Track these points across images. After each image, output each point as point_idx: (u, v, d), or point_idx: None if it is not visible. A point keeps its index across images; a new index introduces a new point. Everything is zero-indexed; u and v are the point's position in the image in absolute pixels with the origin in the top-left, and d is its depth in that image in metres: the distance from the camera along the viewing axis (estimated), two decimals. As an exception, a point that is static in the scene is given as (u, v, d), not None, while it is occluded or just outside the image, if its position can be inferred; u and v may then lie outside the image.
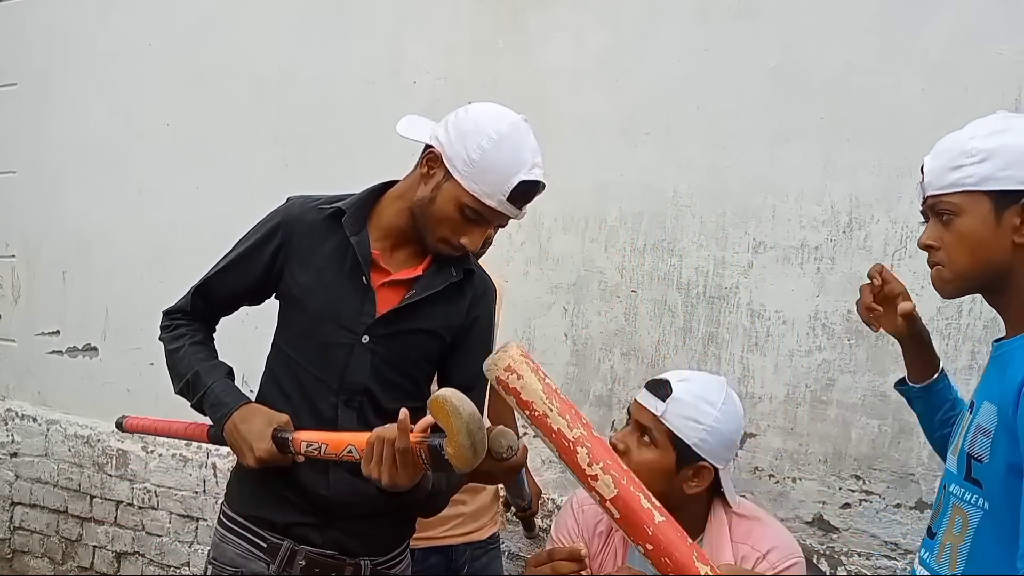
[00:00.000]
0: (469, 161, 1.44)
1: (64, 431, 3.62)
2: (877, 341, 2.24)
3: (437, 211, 1.49)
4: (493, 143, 1.44)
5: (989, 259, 1.21)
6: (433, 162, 1.50)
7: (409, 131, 1.55)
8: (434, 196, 1.49)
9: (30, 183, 3.79)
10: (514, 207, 1.48)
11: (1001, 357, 1.26)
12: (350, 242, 1.53)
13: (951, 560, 1.24)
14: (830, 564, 2.26)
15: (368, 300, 1.53)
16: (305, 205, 1.60)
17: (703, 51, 2.44)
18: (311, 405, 1.54)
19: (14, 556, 3.82)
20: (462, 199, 1.47)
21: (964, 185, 1.22)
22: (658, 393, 1.60)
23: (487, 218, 1.50)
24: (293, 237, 1.57)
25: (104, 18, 3.58)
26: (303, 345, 1.56)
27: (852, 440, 2.28)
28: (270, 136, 3.17)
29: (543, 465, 2.70)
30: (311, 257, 1.56)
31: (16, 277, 3.85)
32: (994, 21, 2.11)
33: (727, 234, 2.43)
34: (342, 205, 1.56)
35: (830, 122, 2.27)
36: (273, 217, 1.61)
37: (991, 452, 1.18)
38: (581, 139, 2.62)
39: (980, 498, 1.20)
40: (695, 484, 1.60)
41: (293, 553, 1.52)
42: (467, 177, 1.45)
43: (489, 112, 1.50)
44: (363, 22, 3.00)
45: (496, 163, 1.44)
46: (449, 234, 1.51)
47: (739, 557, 1.60)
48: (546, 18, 2.67)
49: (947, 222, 1.24)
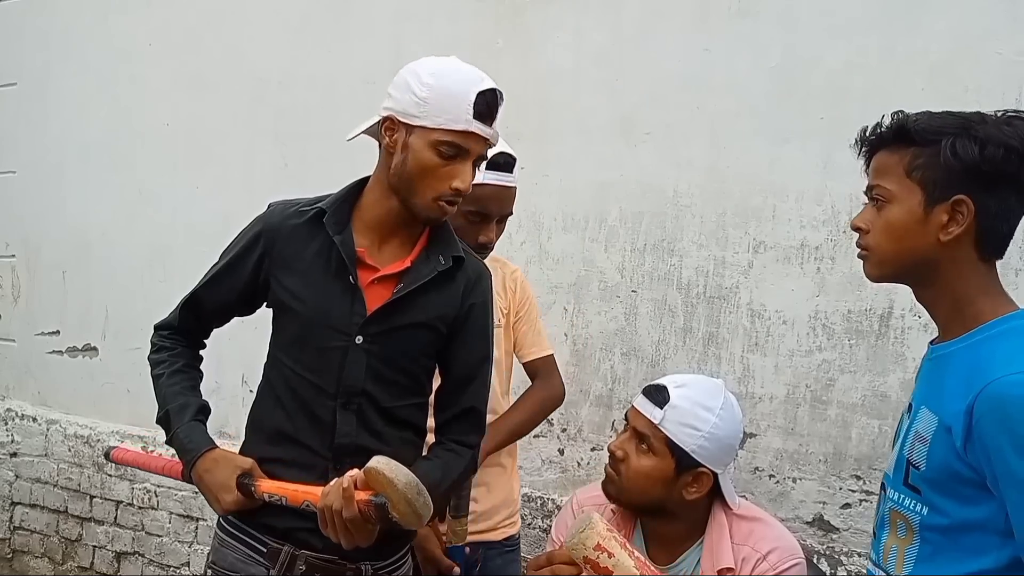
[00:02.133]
0: (421, 101, 1.42)
1: (64, 431, 3.62)
2: (877, 341, 2.24)
3: (415, 166, 1.45)
4: (434, 75, 1.44)
5: (912, 250, 1.22)
6: (391, 127, 1.48)
7: (357, 129, 1.56)
8: (406, 156, 1.46)
9: (30, 183, 3.79)
10: (484, 124, 1.45)
11: (937, 361, 1.26)
12: (334, 242, 1.50)
13: (897, 561, 1.25)
14: (830, 564, 2.26)
15: (357, 299, 1.50)
16: (285, 210, 1.57)
17: (703, 51, 2.44)
18: (308, 411, 1.52)
19: (14, 556, 3.81)
20: (433, 137, 1.43)
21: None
22: (656, 400, 1.60)
23: (465, 147, 1.45)
24: (276, 244, 1.55)
25: (104, 18, 3.58)
26: (297, 351, 1.53)
27: (852, 440, 2.28)
28: (270, 136, 3.17)
29: (543, 465, 2.70)
30: (296, 262, 1.53)
31: (16, 277, 3.85)
32: (994, 21, 2.11)
33: (727, 234, 2.43)
34: (323, 205, 1.53)
35: (830, 122, 2.27)
36: (254, 226, 1.59)
37: (927, 460, 1.19)
38: (581, 139, 2.62)
39: (918, 503, 1.21)
40: (694, 490, 1.61)
41: (294, 558, 1.51)
42: (427, 116, 1.43)
43: (418, 61, 1.50)
44: (363, 22, 2.99)
45: (446, 89, 1.43)
46: (437, 184, 1.46)
47: (740, 559, 1.60)
48: (546, 18, 2.67)
49: (879, 207, 1.25)
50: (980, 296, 1.22)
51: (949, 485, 1.17)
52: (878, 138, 1.27)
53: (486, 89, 1.45)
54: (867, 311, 2.25)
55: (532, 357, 2.14)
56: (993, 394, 1.10)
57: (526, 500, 2.62)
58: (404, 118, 1.45)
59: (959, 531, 1.17)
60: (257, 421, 1.60)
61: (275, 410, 1.55)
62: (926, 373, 1.30)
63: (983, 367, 1.14)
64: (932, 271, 1.23)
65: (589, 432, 2.63)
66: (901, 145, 1.23)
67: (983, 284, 1.22)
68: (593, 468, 2.61)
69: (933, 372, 1.26)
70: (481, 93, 1.44)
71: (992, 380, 1.11)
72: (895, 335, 2.22)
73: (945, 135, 1.19)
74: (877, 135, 1.27)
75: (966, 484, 1.15)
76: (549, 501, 2.67)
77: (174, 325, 1.66)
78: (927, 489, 1.20)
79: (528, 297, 2.13)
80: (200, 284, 1.63)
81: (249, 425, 1.62)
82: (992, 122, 1.19)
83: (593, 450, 2.62)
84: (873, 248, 1.27)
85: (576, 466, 2.66)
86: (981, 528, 1.15)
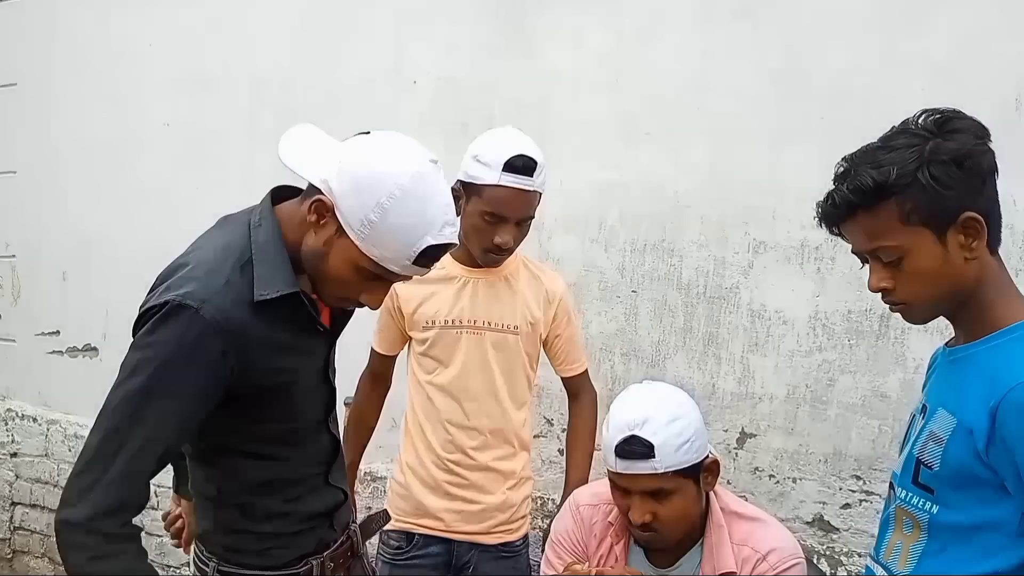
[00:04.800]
0: (367, 222, 1.21)
1: (64, 431, 3.62)
2: (877, 341, 2.24)
3: (330, 270, 1.28)
4: (395, 201, 1.20)
5: (952, 284, 1.21)
6: (323, 211, 1.25)
7: (295, 158, 1.34)
8: (326, 252, 1.27)
9: (30, 183, 3.79)
10: (421, 268, 1.28)
11: (957, 363, 1.26)
12: (294, 303, 1.32)
13: (901, 557, 1.25)
14: (830, 564, 2.26)
15: (327, 338, 1.47)
16: (225, 303, 1.25)
17: (704, 52, 2.45)
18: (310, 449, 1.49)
19: (14, 556, 3.81)
20: (359, 262, 1.26)
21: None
22: (640, 454, 1.54)
23: (389, 280, 1.31)
24: (247, 346, 1.27)
25: (104, 18, 3.57)
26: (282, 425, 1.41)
27: (852, 440, 2.28)
28: (270, 136, 3.15)
29: (543, 465, 2.70)
30: (268, 344, 1.31)
31: (16, 277, 3.84)
32: (994, 21, 2.11)
33: (727, 234, 2.43)
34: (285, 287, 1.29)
35: (830, 123, 2.27)
36: (202, 344, 1.23)
37: (942, 461, 1.19)
38: (581, 139, 2.62)
39: (929, 502, 1.22)
40: (711, 481, 1.64)
41: (322, 564, 1.50)
42: (365, 240, 1.23)
43: (389, 157, 1.24)
44: (363, 22, 2.99)
45: (398, 228, 1.22)
46: (347, 293, 1.33)
47: (740, 559, 1.60)
48: (547, 19, 2.67)
49: (895, 264, 1.21)
50: (1000, 299, 1.22)
51: (965, 485, 1.17)
52: (847, 207, 1.21)
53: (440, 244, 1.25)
54: (867, 311, 2.25)
55: (571, 372, 2.15)
56: (1018, 398, 1.11)
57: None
58: (341, 219, 1.24)
59: (971, 531, 1.17)
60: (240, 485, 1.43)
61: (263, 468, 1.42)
62: (943, 374, 1.30)
63: (1007, 370, 1.14)
64: (964, 289, 1.22)
65: (589, 432, 2.63)
66: (878, 201, 1.18)
67: (1002, 285, 1.23)
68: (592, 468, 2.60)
69: (951, 374, 1.26)
70: (431, 247, 1.24)
71: (1018, 383, 1.12)
72: (895, 335, 2.22)
73: (917, 169, 1.17)
74: (845, 205, 1.21)
75: (983, 485, 1.15)
76: (549, 501, 2.67)
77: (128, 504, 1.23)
78: (941, 488, 1.20)
79: (567, 315, 2.10)
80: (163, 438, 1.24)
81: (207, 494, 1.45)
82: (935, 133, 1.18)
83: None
84: (913, 301, 1.24)
85: (576, 466, 2.66)
86: (994, 528, 1.16)
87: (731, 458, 2.41)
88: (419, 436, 2.03)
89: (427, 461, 2.01)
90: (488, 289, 2.00)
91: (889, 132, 1.25)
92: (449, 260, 1.96)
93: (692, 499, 1.60)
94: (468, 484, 2.00)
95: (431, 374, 2.01)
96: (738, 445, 2.41)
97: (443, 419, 2.00)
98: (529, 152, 1.86)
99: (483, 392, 2.00)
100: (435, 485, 2.00)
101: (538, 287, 2.06)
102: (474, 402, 1.99)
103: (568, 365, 2.14)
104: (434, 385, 2.01)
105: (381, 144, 1.27)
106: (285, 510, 1.45)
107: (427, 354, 2.01)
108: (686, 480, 1.57)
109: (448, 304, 1.99)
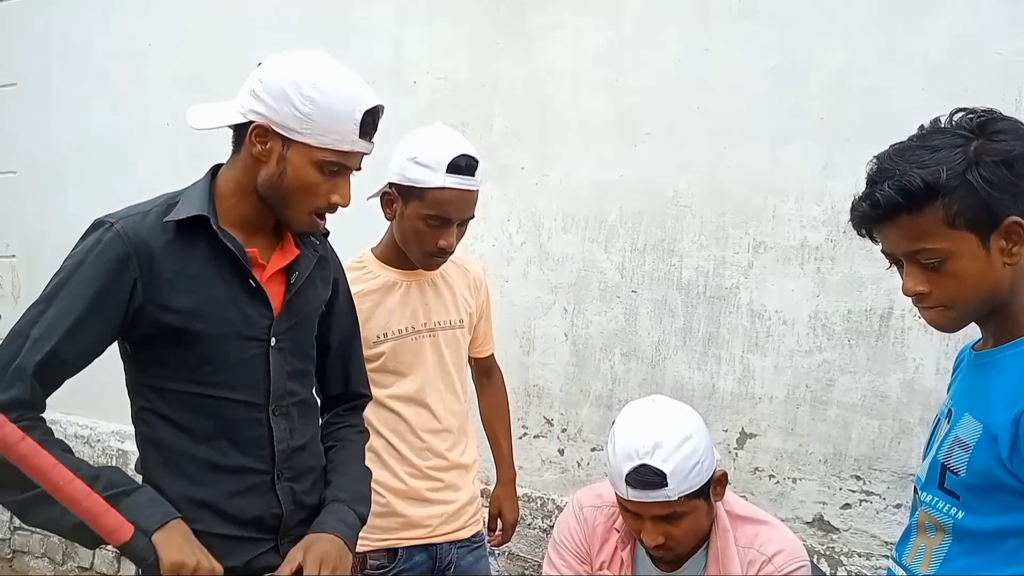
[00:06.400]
0: (304, 117, 1.34)
1: (64, 431, 3.62)
2: (877, 341, 2.24)
3: (293, 182, 1.38)
4: (317, 88, 1.34)
5: (991, 289, 1.18)
6: (263, 136, 1.37)
7: (206, 120, 1.45)
8: (282, 169, 1.38)
9: (30, 183, 3.79)
10: (367, 142, 1.40)
11: (983, 367, 1.24)
12: (220, 245, 1.39)
13: (925, 560, 1.24)
14: (830, 564, 2.26)
15: (260, 301, 1.43)
16: (142, 223, 1.38)
17: (703, 51, 2.44)
18: (237, 431, 1.43)
19: (14, 556, 3.82)
20: (316, 156, 1.36)
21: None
22: (653, 483, 1.51)
23: (347, 165, 1.40)
24: (153, 264, 1.35)
25: (104, 18, 3.58)
26: (207, 373, 1.40)
27: (852, 440, 2.27)
28: (270, 136, 3.17)
29: (543, 465, 2.70)
30: (181, 280, 1.37)
31: (16, 277, 3.85)
32: (994, 21, 2.11)
33: (727, 234, 2.42)
34: (195, 211, 1.38)
35: (830, 122, 2.27)
36: (109, 249, 1.34)
37: (968, 466, 1.18)
38: (581, 139, 2.62)
39: (954, 508, 1.20)
40: (720, 492, 1.64)
41: None
42: (310, 133, 1.35)
43: (291, 61, 1.39)
44: (363, 22, 2.99)
45: (332, 105, 1.35)
46: (316, 200, 1.40)
47: (746, 562, 1.60)
48: (546, 18, 2.67)
49: (936, 267, 1.18)
50: None
51: (990, 492, 1.16)
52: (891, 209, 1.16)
53: (372, 107, 1.38)
54: (867, 311, 2.25)
55: (489, 352, 2.22)
56: None
57: (526, 500, 2.63)
58: (282, 130, 1.36)
59: (995, 537, 1.16)
60: (169, 466, 1.42)
61: (193, 445, 1.41)
62: (968, 379, 1.28)
63: None
64: (1000, 295, 1.20)
65: (589, 432, 2.63)
66: (923, 203, 1.14)
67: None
68: (593, 468, 2.61)
69: (978, 378, 1.24)
70: (368, 112, 1.37)
71: None
72: (895, 335, 2.22)
73: (966, 171, 1.13)
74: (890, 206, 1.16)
75: (1008, 492, 1.14)
76: (549, 501, 2.67)
77: (24, 400, 1.28)
78: (966, 494, 1.19)
79: (487, 297, 2.18)
80: (55, 339, 1.29)
81: (151, 476, 1.43)
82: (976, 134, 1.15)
83: (593, 450, 2.62)
84: (952, 304, 1.20)
85: (576, 466, 2.66)
86: (1018, 536, 1.15)
87: (731, 458, 2.41)
88: (389, 452, 1.95)
89: (402, 474, 1.95)
90: (431, 289, 1.98)
91: (922, 131, 1.21)
92: (381, 267, 1.95)
93: (704, 515, 1.59)
94: (445, 485, 1.99)
95: (390, 388, 1.94)
96: (738, 445, 2.41)
97: (415, 428, 1.95)
98: (470, 151, 1.83)
99: (446, 391, 1.99)
100: (416, 495, 1.96)
101: (465, 275, 2.07)
102: (441, 404, 1.98)
103: (486, 345, 2.19)
104: (396, 397, 1.94)
105: (279, 60, 1.40)
106: (205, 493, 1.40)
107: (384, 368, 1.93)
108: (698, 500, 1.56)
109: (397, 312, 1.93)
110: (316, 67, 1.37)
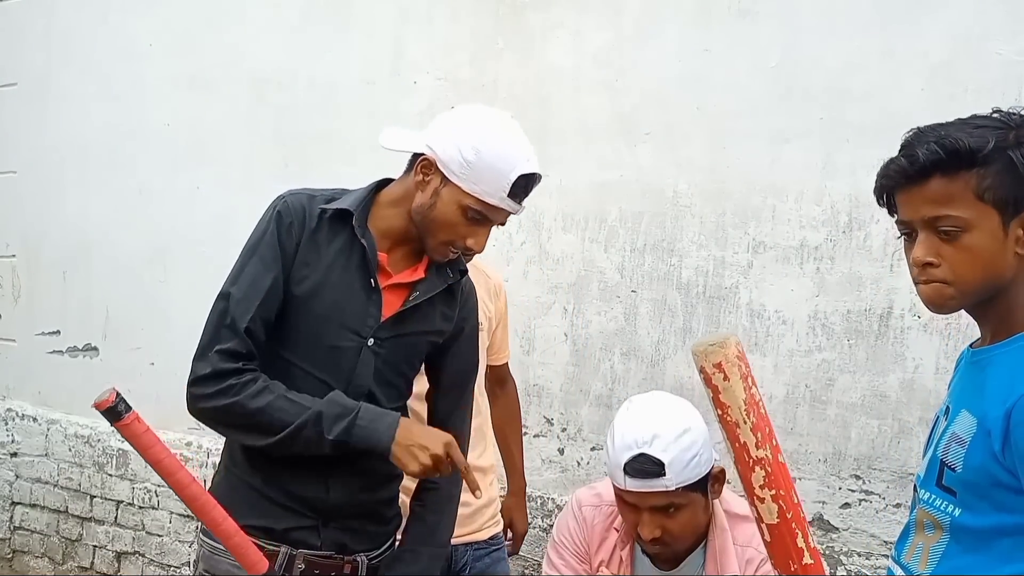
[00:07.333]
0: (465, 163, 1.44)
1: (64, 431, 3.62)
2: (876, 341, 2.24)
3: (439, 216, 1.49)
4: (485, 142, 1.44)
5: (997, 273, 1.17)
6: (428, 169, 1.49)
7: (395, 143, 1.55)
8: (434, 202, 1.48)
9: (30, 183, 3.79)
10: (515, 202, 1.49)
11: (979, 364, 1.24)
12: (357, 242, 1.51)
13: (922, 558, 1.24)
14: (830, 564, 2.26)
15: (374, 302, 1.52)
16: (306, 201, 1.54)
17: (703, 51, 2.44)
18: None
19: (14, 556, 3.82)
20: (463, 201, 1.46)
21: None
22: (651, 473, 1.52)
23: (490, 217, 1.50)
24: (304, 233, 1.52)
25: (104, 18, 3.58)
26: (306, 348, 1.51)
27: (852, 440, 2.28)
28: (270, 136, 3.17)
29: (543, 465, 2.70)
30: (316, 258, 1.52)
31: (16, 277, 3.85)
32: (994, 21, 2.11)
33: (727, 234, 2.43)
34: (347, 205, 1.52)
35: (830, 122, 2.27)
36: (284, 216, 1.51)
37: (964, 462, 1.18)
38: (581, 139, 2.62)
39: (952, 505, 1.20)
40: (718, 488, 1.64)
41: (292, 558, 1.51)
42: (465, 179, 1.45)
43: (476, 112, 1.52)
44: (363, 22, 3.00)
45: (492, 161, 1.44)
46: (453, 237, 1.50)
47: (744, 560, 1.60)
48: (546, 18, 2.67)
49: (951, 237, 1.16)
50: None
51: (986, 488, 1.16)
52: (930, 165, 1.15)
53: (528, 173, 1.47)
54: (867, 311, 2.25)
55: (504, 360, 2.26)
56: None
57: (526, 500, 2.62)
58: (443, 168, 1.47)
59: (992, 535, 1.16)
60: None
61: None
62: (966, 376, 1.28)
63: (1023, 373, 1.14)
64: (1001, 285, 1.18)
65: (589, 432, 2.63)
66: (960, 168, 1.14)
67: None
68: (593, 468, 2.61)
69: (974, 375, 1.25)
70: (523, 176, 1.46)
71: None
72: (895, 335, 2.22)
73: (1008, 148, 1.13)
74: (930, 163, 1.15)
75: (1005, 489, 1.14)
76: (549, 501, 2.67)
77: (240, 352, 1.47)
78: (963, 491, 1.19)
79: (505, 304, 2.22)
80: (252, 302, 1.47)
81: None
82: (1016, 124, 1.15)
83: (593, 450, 2.62)
84: (955, 281, 1.18)
85: (576, 466, 2.66)
86: (1014, 534, 1.14)
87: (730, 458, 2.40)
88: None
89: None
90: None
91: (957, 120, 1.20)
92: None
93: (701, 510, 1.60)
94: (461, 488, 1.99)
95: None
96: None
97: None
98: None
99: None
100: None
101: (485, 280, 2.09)
102: None
103: (502, 353, 2.22)
104: (414, 396, 1.89)
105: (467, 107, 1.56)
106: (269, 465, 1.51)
107: None
108: (695, 493, 1.57)
109: None
110: (493, 123, 1.49)
